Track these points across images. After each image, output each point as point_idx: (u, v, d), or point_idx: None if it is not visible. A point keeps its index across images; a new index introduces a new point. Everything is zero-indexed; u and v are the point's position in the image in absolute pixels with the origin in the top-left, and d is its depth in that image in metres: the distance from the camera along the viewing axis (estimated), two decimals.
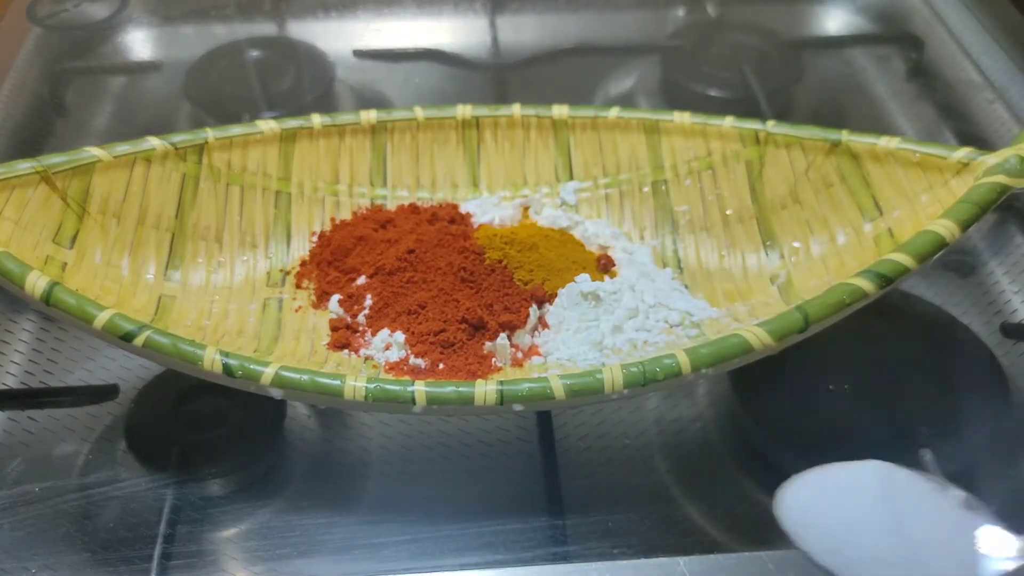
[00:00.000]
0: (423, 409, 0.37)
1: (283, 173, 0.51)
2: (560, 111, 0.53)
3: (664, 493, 0.43)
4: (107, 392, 0.48)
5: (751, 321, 0.42)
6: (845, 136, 0.48)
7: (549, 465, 0.44)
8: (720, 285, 0.48)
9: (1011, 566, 0.35)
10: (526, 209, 0.52)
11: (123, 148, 0.47)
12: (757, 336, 0.38)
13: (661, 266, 0.50)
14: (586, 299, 0.45)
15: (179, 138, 0.49)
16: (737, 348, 0.37)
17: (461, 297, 0.44)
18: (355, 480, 0.44)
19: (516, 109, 0.53)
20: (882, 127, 0.65)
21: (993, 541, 0.36)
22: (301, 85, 0.68)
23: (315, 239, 0.51)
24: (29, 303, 0.40)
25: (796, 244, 0.48)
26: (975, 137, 0.63)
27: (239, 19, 0.78)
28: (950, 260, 0.54)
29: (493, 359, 0.43)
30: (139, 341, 0.38)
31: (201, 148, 0.49)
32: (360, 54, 0.74)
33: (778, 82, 0.68)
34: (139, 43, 0.76)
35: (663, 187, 0.52)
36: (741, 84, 0.67)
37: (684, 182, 0.52)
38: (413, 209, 0.51)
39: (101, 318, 0.38)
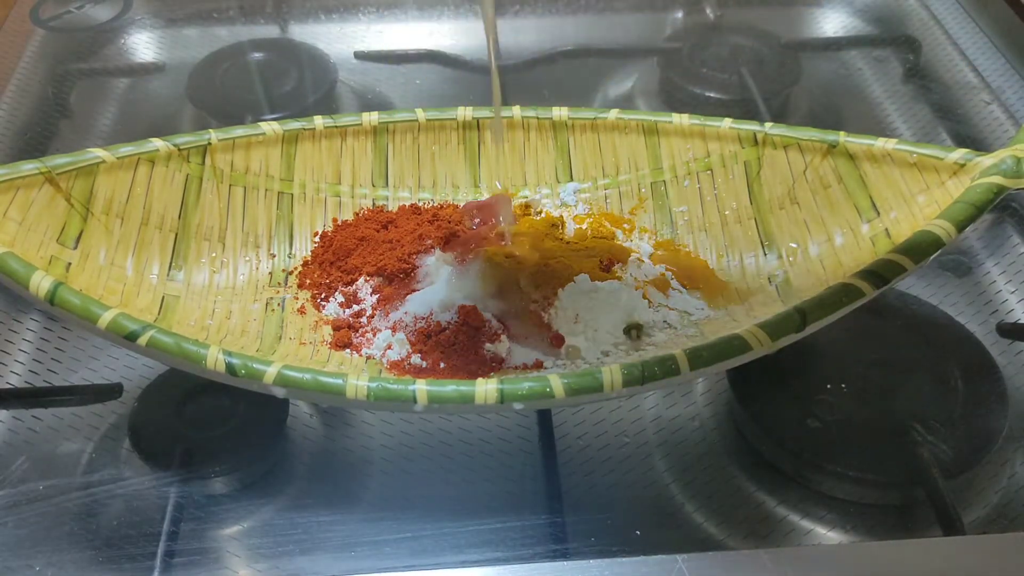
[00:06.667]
0: (424, 408, 0.37)
1: (285, 174, 0.52)
2: (560, 113, 0.53)
3: (662, 491, 0.44)
4: (111, 391, 0.48)
5: (749, 321, 0.42)
6: (842, 137, 0.48)
7: (549, 463, 0.44)
8: None
9: None
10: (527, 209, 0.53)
11: (127, 149, 0.47)
12: (755, 336, 0.38)
13: None
14: (586, 299, 0.46)
15: (182, 139, 0.49)
16: (735, 348, 0.38)
17: None
18: (357, 478, 0.44)
19: (516, 111, 0.53)
20: (879, 129, 0.66)
21: None
22: (303, 87, 0.69)
23: (317, 239, 0.51)
24: (34, 303, 0.40)
25: (794, 244, 0.49)
26: (971, 138, 0.64)
27: (241, 21, 0.78)
28: (947, 260, 0.55)
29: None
30: (143, 340, 0.38)
31: (204, 149, 0.50)
32: (362, 56, 0.74)
33: (776, 84, 0.68)
34: (142, 45, 0.76)
35: (662, 188, 0.52)
36: (739, 86, 0.67)
37: (683, 183, 0.52)
38: (415, 210, 0.52)
39: (105, 318, 0.39)
